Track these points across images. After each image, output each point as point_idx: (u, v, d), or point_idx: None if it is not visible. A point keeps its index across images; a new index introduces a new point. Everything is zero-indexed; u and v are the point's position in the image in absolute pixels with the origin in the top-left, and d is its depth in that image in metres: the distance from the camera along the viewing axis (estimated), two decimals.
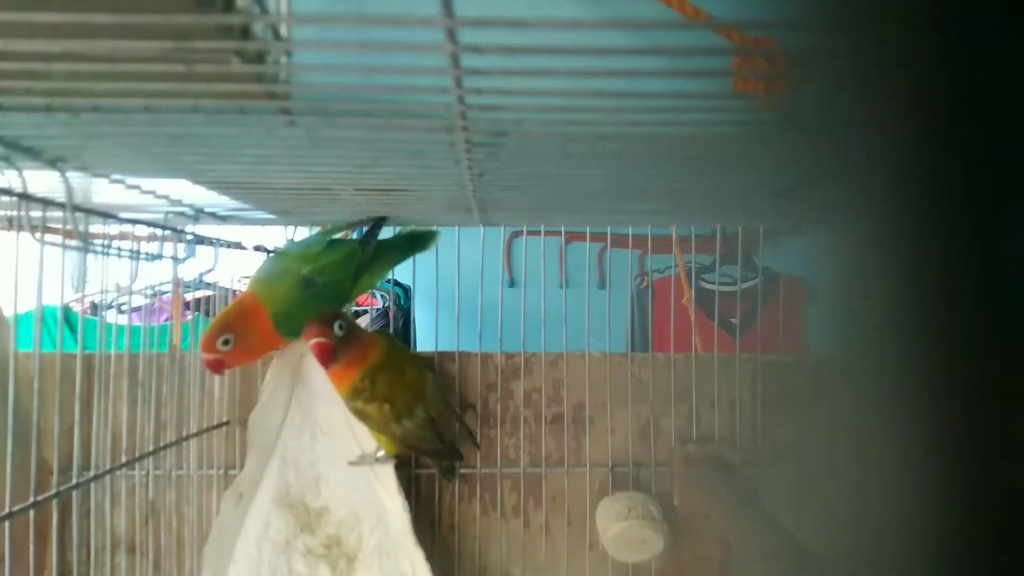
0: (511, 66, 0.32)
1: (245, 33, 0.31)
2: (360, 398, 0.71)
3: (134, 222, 0.69)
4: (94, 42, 0.29)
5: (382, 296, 1.57)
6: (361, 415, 0.72)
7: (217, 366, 0.69)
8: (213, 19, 0.28)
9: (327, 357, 0.66)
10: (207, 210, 0.72)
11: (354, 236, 0.80)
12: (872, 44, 0.17)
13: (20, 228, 0.52)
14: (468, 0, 0.28)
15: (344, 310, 0.78)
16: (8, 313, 0.69)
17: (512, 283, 1.77)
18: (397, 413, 0.71)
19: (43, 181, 0.52)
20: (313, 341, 0.65)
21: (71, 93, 0.37)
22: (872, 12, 0.17)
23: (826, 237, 0.19)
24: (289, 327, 0.72)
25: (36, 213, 0.52)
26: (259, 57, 0.33)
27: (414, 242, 0.80)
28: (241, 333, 0.69)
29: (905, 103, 0.16)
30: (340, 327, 0.66)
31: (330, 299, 0.74)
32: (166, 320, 1.23)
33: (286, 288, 0.71)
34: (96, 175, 0.54)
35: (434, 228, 0.81)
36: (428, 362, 0.82)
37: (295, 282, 0.71)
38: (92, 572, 0.70)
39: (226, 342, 0.68)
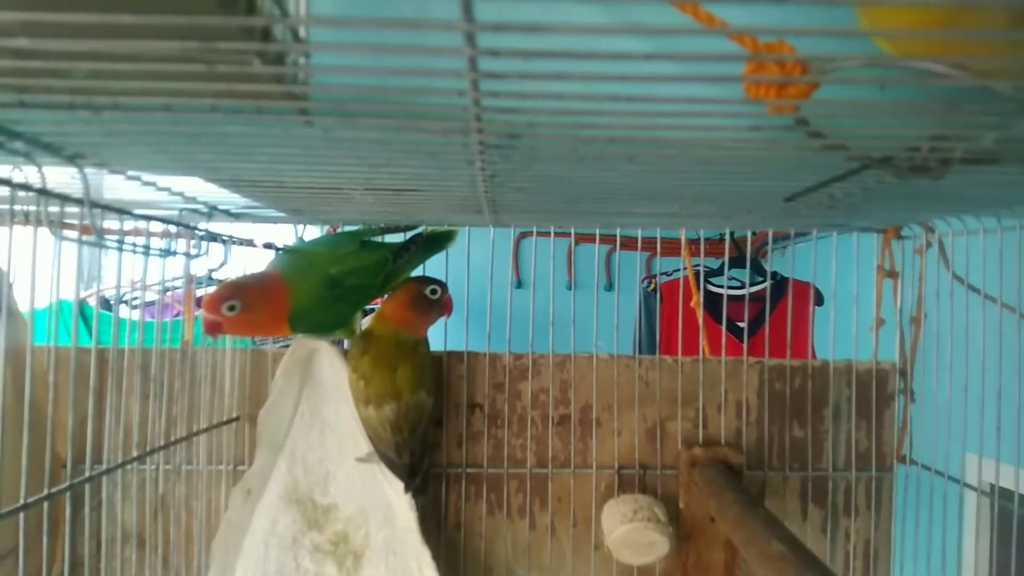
0: (527, 70, 0.32)
1: (266, 34, 0.32)
2: (354, 357, 0.74)
3: (148, 218, 0.70)
4: (119, 42, 0.30)
5: None
6: (351, 382, 0.74)
7: (213, 328, 0.67)
8: (236, 21, 0.28)
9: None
10: (220, 207, 0.73)
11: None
12: None
13: (38, 223, 0.52)
14: (485, 3, 0.29)
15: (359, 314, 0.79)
16: (24, 308, 0.69)
17: (519, 284, 1.77)
18: (365, 396, 0.72)
19: (56, 176, 0.52)
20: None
21: (93, 91, 0.37)
22: None
23: None
24: (306, 323, 0.72)
25: (54, 209, 0.53)
26: (279, 58, 0.33)
27: (435, 243, 0.80)
28: (250, 306, 0.67)
29: None
30: (432, 292, 0.76)
31: (353, 302, 0.74)
32: (177, 316, 1.24)
33: (311, 284, 0.71)
34: (113, 171, 0.54)
35: (454, 228, 0.82)
36: (435, 387, 0.81)
37: (321, 280, 0.71)
38: (102, 565, 0.71)
39: (231, 308, 0.66)
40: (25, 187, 0.49)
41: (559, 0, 0.31)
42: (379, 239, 0.81)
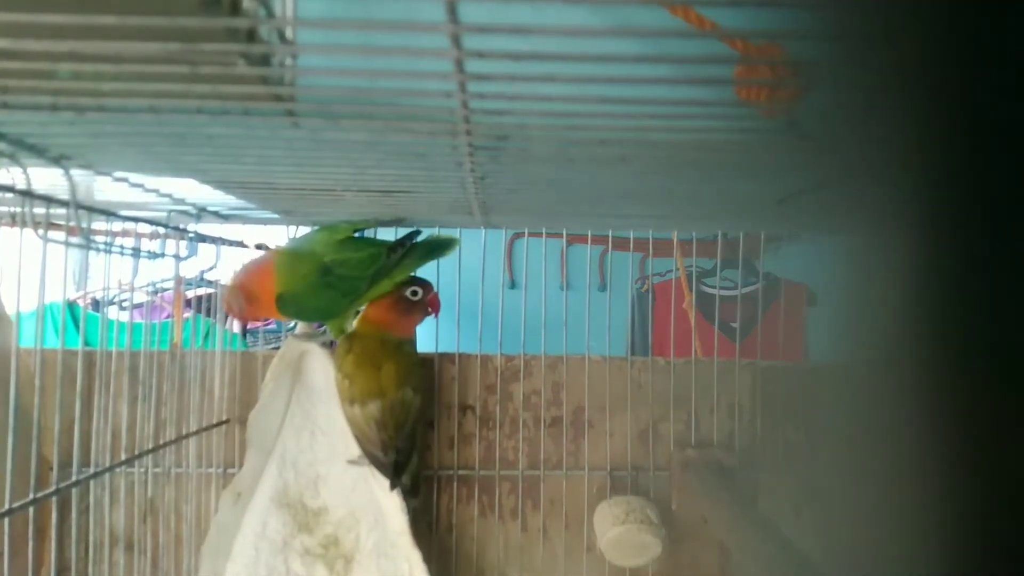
0: (515, 71, 0.32)
1: (251, 36, 0.31)
2: (339, 357, 0.74)
3: (137, 220, 0.69)
4: (101, 43, 0.29)
5: None
6: (337, 381, 0.75)
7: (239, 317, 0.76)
8: (220, 22, 0.28)
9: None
10: (210, 209, 0.72)
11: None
12: (880, 53, 0.17)
13: (24, 225, 0.52)
14: (472, 5, 0.28)
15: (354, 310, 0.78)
16: (11, 310, 0.69)
17: (513, 285, 1.77)
18: (350, 394, 0.72)
19: (46, 178, 0.52)
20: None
21: (76, 92, 0.37)
22: (879, 21, 0.17)
23: (831, 243, 0.19)
24: (296, 308, 0.73)
25: (40, 210, 0.52)
26: (264, 59, 0.33)
27: (434, 249, 0.79)
28: (250, 294, 0.72)
29: (915, 110, 0.16)
30: (413, 293, 0.76)
31: (342, 293, 0.74)
32: (167, 317, 1.23)
33: (305, 270, 0.72)
34: (100, 173, 0.54)
35: (455, 235, 0.80)
36: (425, 385, 0.80)
37: (314, 267, 0.72)
38: (90, 569, 0.70)
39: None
40: (8, 188, 0.49)
41: (547, 2, 0.31)
42: (373, 233, 0.80)
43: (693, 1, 0.36)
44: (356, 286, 0.74)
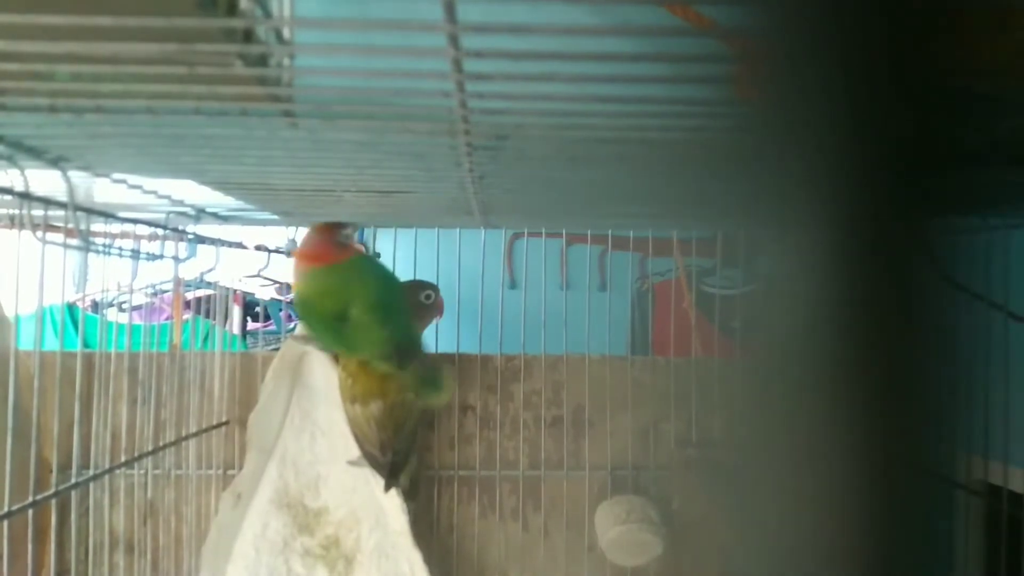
0: (513, 71, 0.32)
1: (248, 36, 0.31)
2: (343, 355, 0.75)
3: (135, 222, 0.69)
4: (97, 44, 0.29)
5: None
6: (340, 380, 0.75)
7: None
8: (216, 22, 0.28)
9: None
10: (208, 210, 0.72)
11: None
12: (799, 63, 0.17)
13: (22, 227, 0.52)
14: (470, 4, 0.28)
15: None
16: (9, 312, 0.69)
17: (513, 285, 1.77)
18: (352, 393, 0.73)
19: (45, 180, 0.52)
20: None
21: (74, 94, 0.37)
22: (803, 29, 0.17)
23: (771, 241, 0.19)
24: (302, 313, 0.74)
25: (38, 212, 0.52)
26: (262, 60, 0.33)
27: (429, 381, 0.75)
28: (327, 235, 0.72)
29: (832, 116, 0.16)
30: (427, 297, 0.77)
31: (342, 341, 0.73)
32: (166, 319, 1.23)
33: (327, 306, 0.71)
34: (98, 175, 0.54)
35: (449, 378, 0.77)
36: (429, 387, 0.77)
37: (335, 310, 0.70)
38: (90, 571, 0.70)
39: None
40: (6, 191, 0.49)
41: (545, 1, 0.31)
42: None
43: None
44: (355, 349, 0.73)
